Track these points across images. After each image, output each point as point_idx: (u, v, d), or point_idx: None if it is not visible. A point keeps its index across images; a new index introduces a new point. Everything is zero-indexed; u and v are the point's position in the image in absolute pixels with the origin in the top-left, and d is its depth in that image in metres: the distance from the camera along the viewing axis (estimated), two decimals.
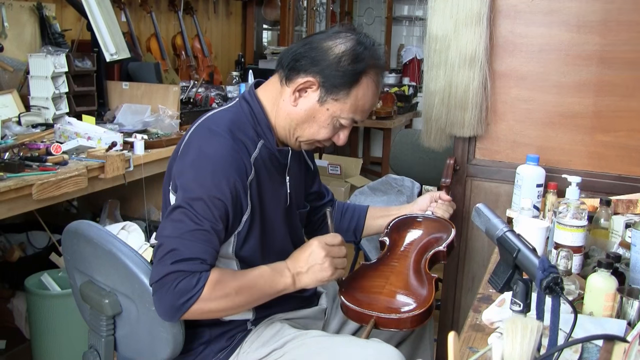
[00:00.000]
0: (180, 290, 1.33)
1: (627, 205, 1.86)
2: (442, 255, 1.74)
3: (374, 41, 1.53)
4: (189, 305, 1.34)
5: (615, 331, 1.21)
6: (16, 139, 2.43)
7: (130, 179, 2.58)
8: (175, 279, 1.34)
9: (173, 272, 1.34)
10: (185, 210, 1.38)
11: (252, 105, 1.56)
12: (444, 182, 2.14)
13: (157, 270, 1.36)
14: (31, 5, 3.05)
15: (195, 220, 1.37)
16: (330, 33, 1.52)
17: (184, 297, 1.34)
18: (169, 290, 1.34)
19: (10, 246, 2.84)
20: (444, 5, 2.21)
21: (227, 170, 1.43)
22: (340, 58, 1.46)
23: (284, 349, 1.53)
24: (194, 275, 1.35)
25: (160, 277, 1.35)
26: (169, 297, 1.34)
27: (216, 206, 1.40)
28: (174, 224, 1.39)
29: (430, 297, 1.56)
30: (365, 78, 1.49)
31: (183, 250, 1.35)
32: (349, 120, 1.52)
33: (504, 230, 1.18)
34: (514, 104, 2.27)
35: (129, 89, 3.22)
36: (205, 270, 1.36)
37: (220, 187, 1.41)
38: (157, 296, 1.36)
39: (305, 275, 1.50)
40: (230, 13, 5.23)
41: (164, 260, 1.36)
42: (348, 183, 5.14)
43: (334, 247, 1.53)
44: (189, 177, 1.44)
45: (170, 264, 1.34)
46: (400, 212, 1.90)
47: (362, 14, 7.81)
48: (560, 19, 2.17)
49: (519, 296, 1.10)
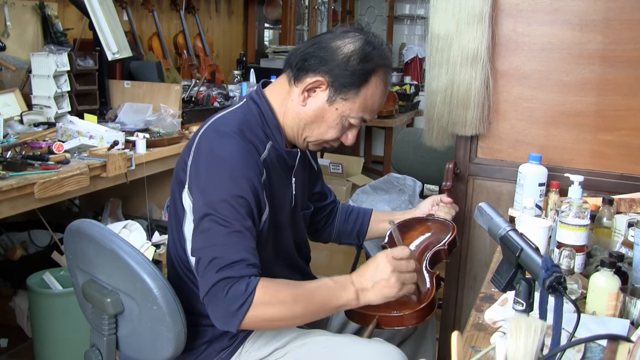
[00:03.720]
0: (231, 296, 1.30)
1: (629, 204, 1.85)
2: (443, 254, 1.74)
3: (382, 41, 1.53)
4: (244, 310, 1.31)
5: (618, 330, 1.20)
6: (18, 138, 2.44)
7: (132, 177, 2.58)
8: (224, 287, 1.31)
9: (220, 280, 1.31)
10: (211, 217, 1.36)
11: (260, 106, 1.55)
12: (445, 185, 2.14)
13: (204, 283, 1.34)
14: (34, 5, 3.05)
15: (224, 224, 1.35)
16: (338, 33, 1.52)
17: (236, 303, 1.31)
18: (221, 298, 1.31)
19: (12, 245, 2.85)
20: (446, 4, 2.21)
21: (244, 169, 1.41)
22: (349, 57, 1.46)
23: (286, 348, 1.53)
24: (242, 279, 1.32)
25: (209, 288, 1.32)
26: (222, 305, 1.31)
27: (240, 204, 1.37)
28: (204, 235, 1.37)
29: (431, 293, 1.55)
30: (374, 77, 1.49)
31: (223, 257, 1.33)
32: (358, 119, 1.52)
33: (507, 230, 1.18)
34: (516, 102, 2.27)
35: (131, 87, 3.22)
36: (253, 274, 1.33)
37: (240, 185, 1.39)
38: (211, 307, 1.34)
39: (370, 292, 1.44)
40: (231, 12, 5.23)
41: (207, 272, 1.33)
42: (350, 182, 5.14)
43: (402, 261, 1.47)
44: (206, 181, 1.41)
45: (215, 273, 1.32)
46: (404, 217, 1.90)
47: (363, 12, 7.81)
48: (562, 17, 2.16)
49: (521, 295, 1.10)
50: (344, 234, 1.93)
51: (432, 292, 1.56)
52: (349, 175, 5.32)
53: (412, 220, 1.88)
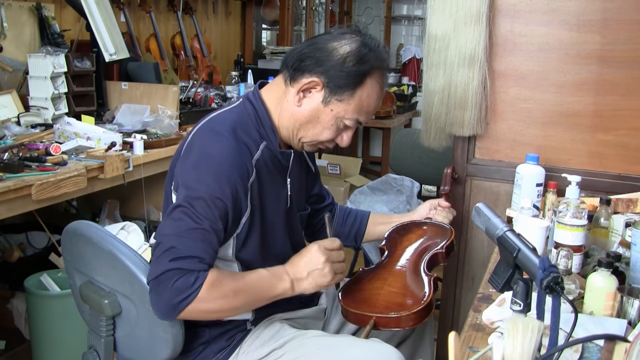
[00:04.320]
0: (177, 288, 1.32)
1: (627, 205, 1.85)
2: (441, 257, 1.74)
3: (379, 43, 1.54)
4: (186, 304, 1.33)
5: (615, 330, 1.20)
6: (15, 140, 2.43)
7: (129, 179, 2.58)
8: (173, 277, 1.33)
9: (171, 270, 1.33)
10: (185, 209, 1.38)
11: (255, 106, 1.55)
12: (443, 190, 2.14)
13: (155, 267, 1.35)
14: (30, 6, 3.04)
15: (195, 220, 1.37)
16: (335, 34, 1.52)
17: (181, 295, 1.32)
18: (167, 287, 1.33)
19: (10, 246, 2.84)
20: (443, 5, 2.21)
21: (229, 171, 1.42)
22: (345, 59, 1.47)
23: (283, 349, 1.53)
24: (192, 273, 1.33)
25: (158, 274, 1.34)
26: (166, 294, 1.33)
27: (217, 206, 1.39)
28: (173, 223, 1.38)
29: (429, 295, 1.56)
30: (370, 79, 1.49)
31: (182, 249, 1.34)
32: (353, 121, 1.52)
33: (504, 230, 1.18)
34: (513, 103, 2.27)
35: (128, 89, 3.22)
36: (203, 269, 1.35)
37: (221, 187, 1.40)
38: (154, 293, 1.35)
39: (304, 281, 1.49)
40: (229, 13, 5.23)
41: (162, 258, 1.35)
42: (347, 183, 5.14)
43: (333, 251, 1.53)
44: (190, 176, 1.43)
45: (169, 262, 1.33)
46: (402, 220, 1.91)
47: (361, 13, 7.82)
48: (559, 17, 2.16)
49: (519, 296, 1.10)
50: (342, 236, 1.93)
51: (430, 294, 1.56)
52: (347, 176, 5.32)
53: (410, 224, 1.89)
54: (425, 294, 1.57)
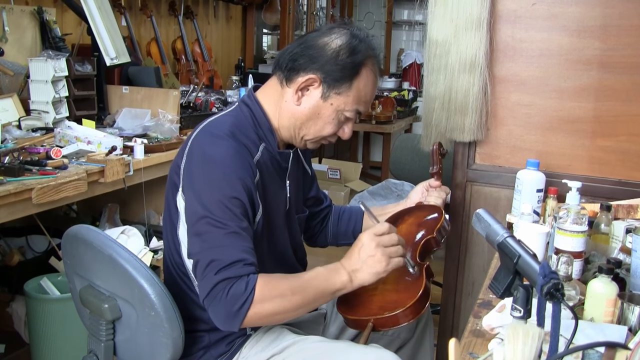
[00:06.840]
0: (232, 296, 1.32)
1: (627, 211, 1.85)
2: (434, 242, 1.73)
3: (367, 32, 1.56)
4: (245, 309, 1.33)
5: (616, 337, 1.20)
6: (16, 143, 2.43)
7: (130, 183, 2.58)
8: (224, 288, 1.32)
9: (220, 282, 1.32)
10: (207, 220, 1.37)
11: (252, 109, 1.56)
12: (432, 169, 2.09)
13: (203, 286, 1.35)
14: (32, 10, 3.05)
15: (220, 226, 1.36)
16: (324, 30, 1.55)
17: (238, 302, 1.32)
18: (222, 300, 1.32)
19: (10, 250, 2.84)
20: (444, 10, 2.21)
21: (237, 170, 1.42)
22: (338, 52, 1.48)
23: (283, 354, 1.53)
24: (242, 279, 1.33)
25: (209, 290, 1.33)
26: (222, 306, 1.32)
27: (235, 205, 1.39)
28: (200, 237, 1.38)
29: (421, 284, 1.54)
30: (365, 69, 1.51)
31: (221, 259, 1.34)
32: (353, 112, 1.54)
33: (505, 236, 1.18)
34: (514, 108, 2.27)
35: (129, 93, 3.22)
36: (251, 272, 1.35)
37: (233, 186, 1.40)
38: (212, 309, 1.35)
39: (360, 272, 1.47)
40: (230, 17, 5.24)
41: (206, 274, 1.34)
42: (348, 187, 5.15)
43: (383, 236, 1.49)
44: (200, 183, 1.42)
45: (214, 275, 1.33)
46: (397, 209, 1.90)
47: (362, 18, 7.83)
48: (560, 23, 2.16)
49: (519, 302, 1.10)
50: (340, 235, 1.93)
51: (422, 284, 1.54)
52: (347, 180, 5.32)
53: (400, 212, 1.86)
54: (418, 283, 1.55)
